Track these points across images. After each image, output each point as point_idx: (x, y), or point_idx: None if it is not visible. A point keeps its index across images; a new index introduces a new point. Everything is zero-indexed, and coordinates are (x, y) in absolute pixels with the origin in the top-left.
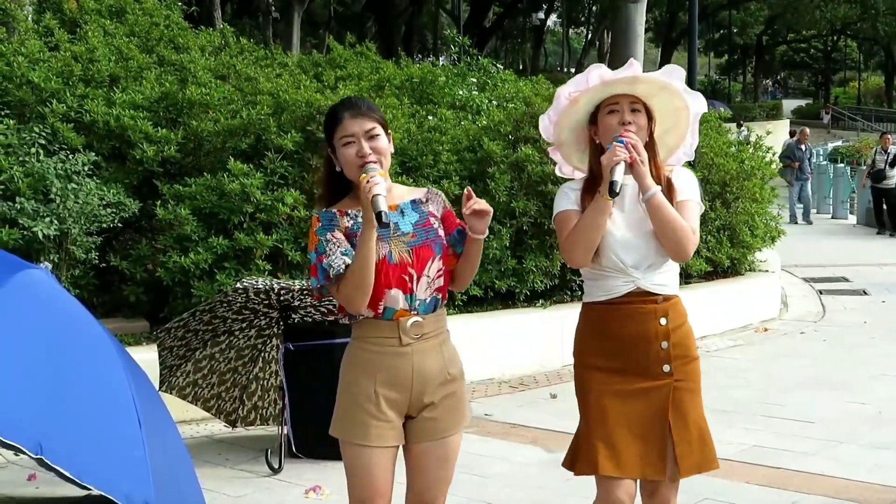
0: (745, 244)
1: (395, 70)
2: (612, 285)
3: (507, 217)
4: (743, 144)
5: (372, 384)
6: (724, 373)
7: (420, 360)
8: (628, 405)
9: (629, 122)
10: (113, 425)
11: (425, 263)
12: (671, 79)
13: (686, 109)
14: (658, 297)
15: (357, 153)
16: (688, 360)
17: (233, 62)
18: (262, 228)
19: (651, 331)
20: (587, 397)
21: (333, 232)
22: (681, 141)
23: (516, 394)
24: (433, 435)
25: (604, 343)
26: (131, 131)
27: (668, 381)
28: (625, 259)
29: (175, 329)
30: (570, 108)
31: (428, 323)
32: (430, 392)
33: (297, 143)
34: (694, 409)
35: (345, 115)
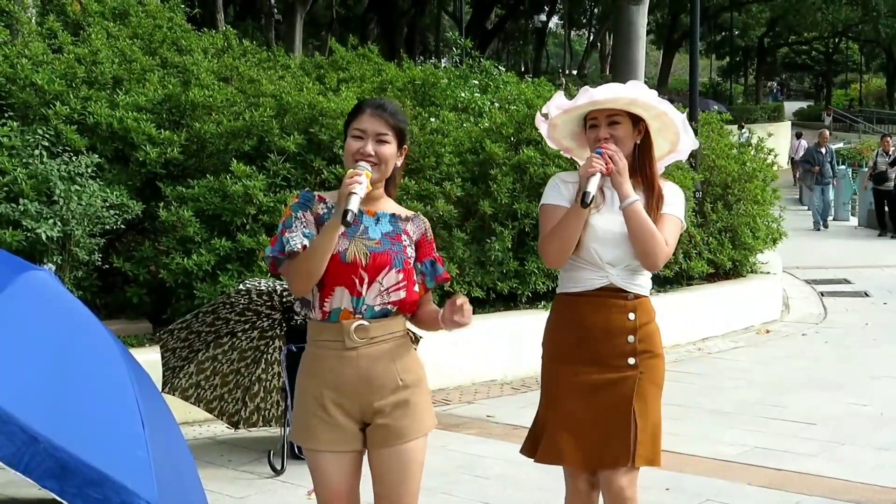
0: (747, 246)
1: (398, 72)
2: (586, 278)
3: (508, 219)
4: (744, 146)
5: (319, 387)
6: (725, 374)
7: (367, 364)
8: (593, 396)
9: (606, 137)
10: (116, 426)
11: (380, 270)
12: (634, 94)
13: (665, 115)
14: (629, 294)
15: (359, 149)
16: (652, 355)
17: (235, 64)
18: (265, 230)
19: (619, 324)
20: (554, 387)
21: (306, 212)
22: (677, 137)
23: (518, 395)
24: (386, 442)
25: (573, 333)
26: (134, 133)
27: (633, 373)
28: (603, 255)
29: (178, 330)
30: (552, 129)
31: (375, 327)
32: (380, 398)
33: (300, 145)
34: (654, 402)
35: (367, 109)
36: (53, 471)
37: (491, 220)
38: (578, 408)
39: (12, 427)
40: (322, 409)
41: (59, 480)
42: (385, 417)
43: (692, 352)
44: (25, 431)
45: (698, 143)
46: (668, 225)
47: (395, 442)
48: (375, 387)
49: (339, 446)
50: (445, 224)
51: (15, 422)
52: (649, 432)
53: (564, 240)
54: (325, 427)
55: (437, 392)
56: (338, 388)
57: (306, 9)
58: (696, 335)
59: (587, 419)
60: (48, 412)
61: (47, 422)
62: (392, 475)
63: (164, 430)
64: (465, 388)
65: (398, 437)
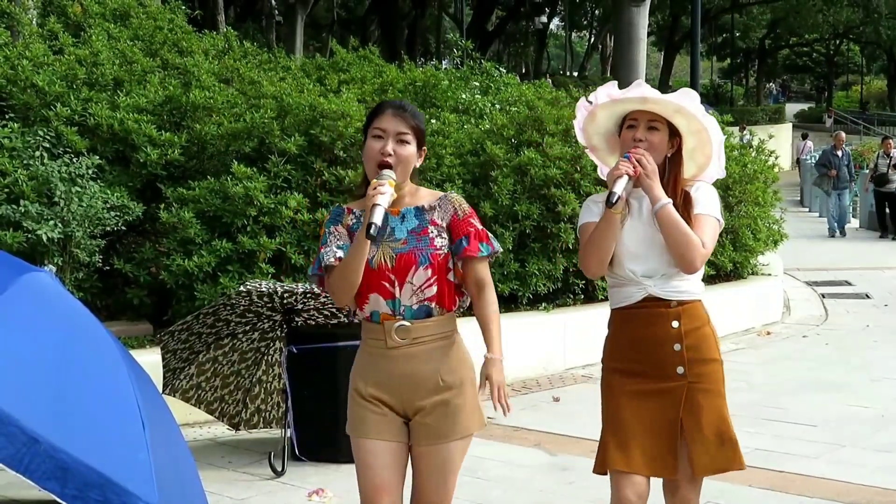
0: (748, 248)
1: (398, 74)
2: (628, 293)
3: (509, 220)
4: (745, 148)
5: (364, 383)
6: (726, 376)
7: (407, 364)
8: (643, 405)
9: (640, 140)
10: (117, 427)
11: (407, 271)
12: (683, 102)
13: (705, 132)
14: (671, 301)
15: (380, 149)
16: (704, 362)
17: (236, 66)
18: (266, 231)
19: (663, 333)
20: (607, 398)
21: (338, 226)
22: (708, 161)
23: (519, 397)
24: (426, 440)
25: (623, 346)
26: (135, 134)
27: (681, 382)
28: (635, 270)
29: (178, 332)
30: (590, 119)
31: (417, 328)
32: (422, 397)
33: (301, 147)
34: (711, 410)
35: (388, 109)
36: (54, 472)
37: (492, 221)
38: (625, 415)
39: (13, 428)
40: (371, 402)
41: (59, 482)
42: (426, 416)
43: None
44: (26, 433)
45: (724, 174)
46: (704, 225)
47: (434, 441)
48: (416, 386)
49: (389, 436)
50: None
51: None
52: (710, 441)
53: (599, 248)
54: (376, 418)
55: None
56: (379, 386)
57: (307, 10)
58: None
59: (633, 425)
60: (49, 414)
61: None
62: (429, 473)
63: (165, 432)
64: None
65: (437, 438)
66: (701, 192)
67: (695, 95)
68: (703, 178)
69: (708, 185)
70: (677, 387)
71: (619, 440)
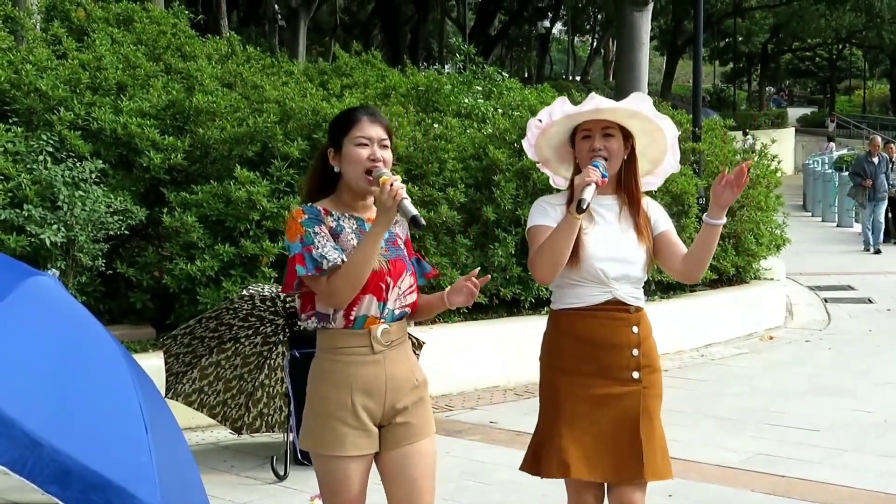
0: (751, 252)
1: (401, 78)
2: (588, 294)
3: (512, 225)
4: (748, 153)
5: (348, 394)
6: (728, 380)
7: (391, 366)
8: (599, 410)
9: (599, 149)
10: (119, 430)
11: (399, 275)
12: (637, 107)
13: (660, 131)
14: (631, 307)
15: (369, 156)
16: (653, 369)
17: (239, 70)
18: (269, 236)
19: (625, 338)
20: (556, 400)
21: (321, 226)
22: (662, 156)
23: (521, 401)
24: (406, 439)
25: (576, 348)
26: (138, 139)
27: (637, 387)
28: (606, 270)
29: (181, 336)
30: (542, 135)
31: (395, 330)
32: (402, 398)
33: (303, 151)
34: (657, 417)
35: (363, 117)
36: (56, 476)
37: (494, 225)
38: (584, 420)
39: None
40: (353, 415)
41: (61, 485)
42: (405, 416)
43: (695, 358)
44: (28, 436)
45: (678, 168)
46: (678, 241)
47: (415, 439)
48: (399, 388)
49: (364, 449)
50: (449, 230)
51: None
52: (658, 445)
53: (556, 254)
54: (356, 433)
55: (440, 398)
56: (368, 393)
57: (310, 15)
58: (700, 341)
59: (593, 432)
60: (51, 417)
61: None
62: (411, 472)
63: (167, 436)
64: (468, 394)
65: (417, 435)
66: (653, 207)
67: (646, 98)
68: (658, 174)
69: (654, 201)
70: (634, 391)
71: (579, 448)
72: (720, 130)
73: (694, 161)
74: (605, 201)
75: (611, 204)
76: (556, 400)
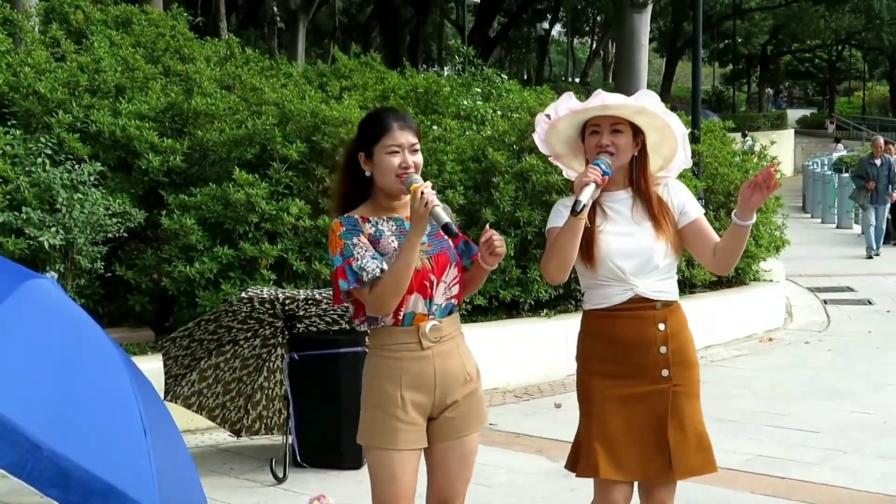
0: (750, 254)
1: (400, 80)
2: (611, 293)
3: (511, 226)
4: (747, 154)
5: (398, 389)
6: (728, 382)
7: (441, 362)
8: (628, 409)
9: (607, 145)
10: (118, 434)
11: (444, 270)
12: (644, 103)
13: (669, 127)
14: (656, 302)
15: (401, 164)
16: (686, 365)
17: (238, 72)
18: (268, 238)
19: (650, 336)
20: (589, 402)
21: (359, 237)
22: (674, 153)
23: (521, 403)
24: (454, 434)
25: (604, 348)
26: (137, 141)
27: (667, 385)
28: (623, 267)
29: (180, 339)
30: (551, 130)
31: (445, 326)
32: (453, 392)
33: (302, 153)
34: (692, 413)
35: (394, 124)
36: (56, 479)
37: (493, 228)
38: (613, 420)
39: (15, 435)
40: (403, 410)
41: (61, 489)
42: (455, 410)
43: None
44: (28, 439)
45: (690, 163)
46: (708, 229)
47: (462, 433)
48: (451, 383)
49: (415, 444)
50: None
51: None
52: (692, 443)
53: (562, 254)
54: (407, 428)
55: None
56: (417, 388)
57: (309, 17)
58: (699, 343)
59: (622, 431)
60: (51, 420)
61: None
62: (454, 464)
63: (166, 439)
64: None
65: (465, 429)
66: (681, 192)
67: (653, 95)
68: (670, 170)
69: (677, 183)
70: (663, 390)
71: (608, 448)
72: (719, 132)
73: (693, 163)
74: (618, 196)
75: (624, 198)
76: (588, 400)
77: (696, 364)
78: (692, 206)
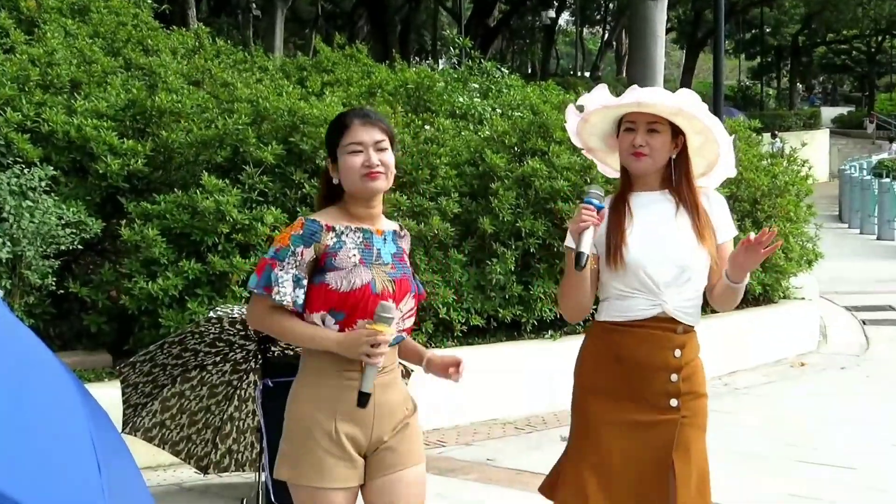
0: (779, 268)
1: (389, 74)
2: (636, 306)
3: (512, 238)
4: (776, 157)
5: (331, 420)
6: (755, 412)
7: (382, 393)
8: (628, 437)
9: (640, 145)
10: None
11: (403, 296)
12: (684, 104)
13: (710, 130)
14: (679, 325)
15: (363, 163)
16: (696, 395)
17: (208, 66)
18: (240, 251)
19: (664, 360)
20: (584, 422)
21: (307, 248)
22: (717, 158)
23: (522, 436)
24: (392, 467)
25: (611, 366)
26: (94, 143)
27: (674, 416)
28: (657, 278)
29: (140, 363)
30: (582, 124)
31: (389, 356)
32: (391, 426)
33: (279, 156)
34: (698, 449)
35: (354, 121)
36: None
37: (492, 239)
38: (609, 447)
39: None
40: (337, 445)
41: None
42: (391, 442)
43: (718, 387)
44: None
45: (735, 172)
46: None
47: (400, 466)
48: (390, 416)
49: (353, 482)
50: (441, 244)
51: None
52: (694, 482)
53: (573, 302)
54: (341, 464)
55: (433, 433)
56: (353, 421)
57: (288, 4)
58: (723, 368)
59: (618, 460)
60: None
61: None
62: (396, 502)
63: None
64: (462, 428)
65: (403, 462)
66: (718, 206)
67: (694, 95)
68: (712, 176)
69: (717, 196)
70: (669, 420)
71: (600, 476)
72: (744, 132)
73: None
74: (652, 198)
75: (659, 200)
76: (583, 421)
77: (705, 395)
78: (726, 227)
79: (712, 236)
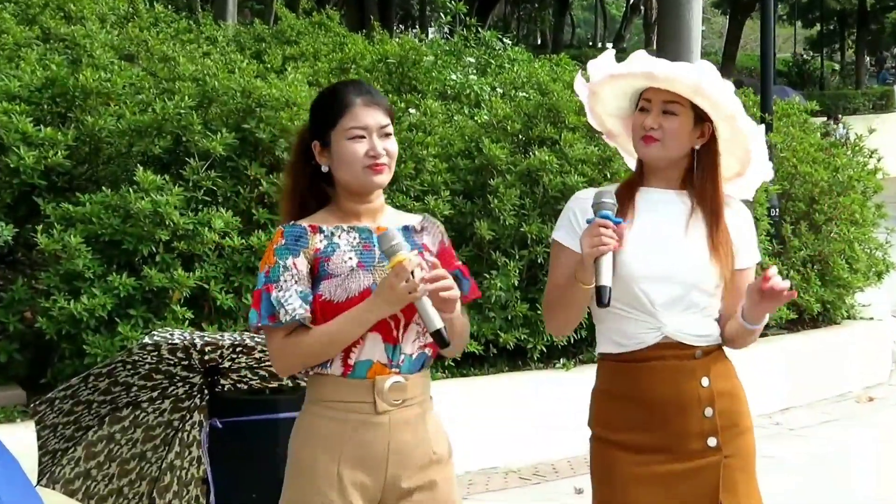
0: (842, 282)
1: (366, 46)
2: (634, 332)
3: (515, 246)
4: (838, 146)
5: (335, 464)
6: (813, 458)
7: (398, 433)
8: (665, 493)
9: (651, 128)
10: None
11: (415, 308)
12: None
13: (735, 118)
14: (696, 349)
15: (367, 152)
16: (738, 430)
17: (143, 37)
18: (182, 262)
19: (690, 394)
20: (609, 482)
21: (297, 257)
22: (748, 155)
23: (529, 487)
24: None
25: (627, 411)
26: (4, 130)
27: (716, 457)
28: (654, 297)
29: (60, 400)
30: (594, 99)
31: (411, 386)
32: (409, 476)
33: (230, 147)
34: (749, 494)
35: (357, 100)
36: None
37: (491, 247)
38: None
39: None
40: (338, 491)
41: None
42: (416, 497)
43: (767, 427)
44: None
45: (772, 174)
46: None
47: None
48: (406, 462)
49: None
50: None
51: None
52: None
53: (568, 318)
54: None
55: None
56: (361, 465)
57: None
58: (774, 405)
59: None
60: None
61: None
62: None
63: None
64: (457, 477)
65: None
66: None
67: (714, 70)
68: (749, 178)
69: (745, 212)
70: (711, 464)
71: None
72: (799, 116)
73: None
74: (666, 197)
75: (673, 199)
76: (607, 480)
77: (750, 428)
78: (749, 250)
79: (729, 256)
